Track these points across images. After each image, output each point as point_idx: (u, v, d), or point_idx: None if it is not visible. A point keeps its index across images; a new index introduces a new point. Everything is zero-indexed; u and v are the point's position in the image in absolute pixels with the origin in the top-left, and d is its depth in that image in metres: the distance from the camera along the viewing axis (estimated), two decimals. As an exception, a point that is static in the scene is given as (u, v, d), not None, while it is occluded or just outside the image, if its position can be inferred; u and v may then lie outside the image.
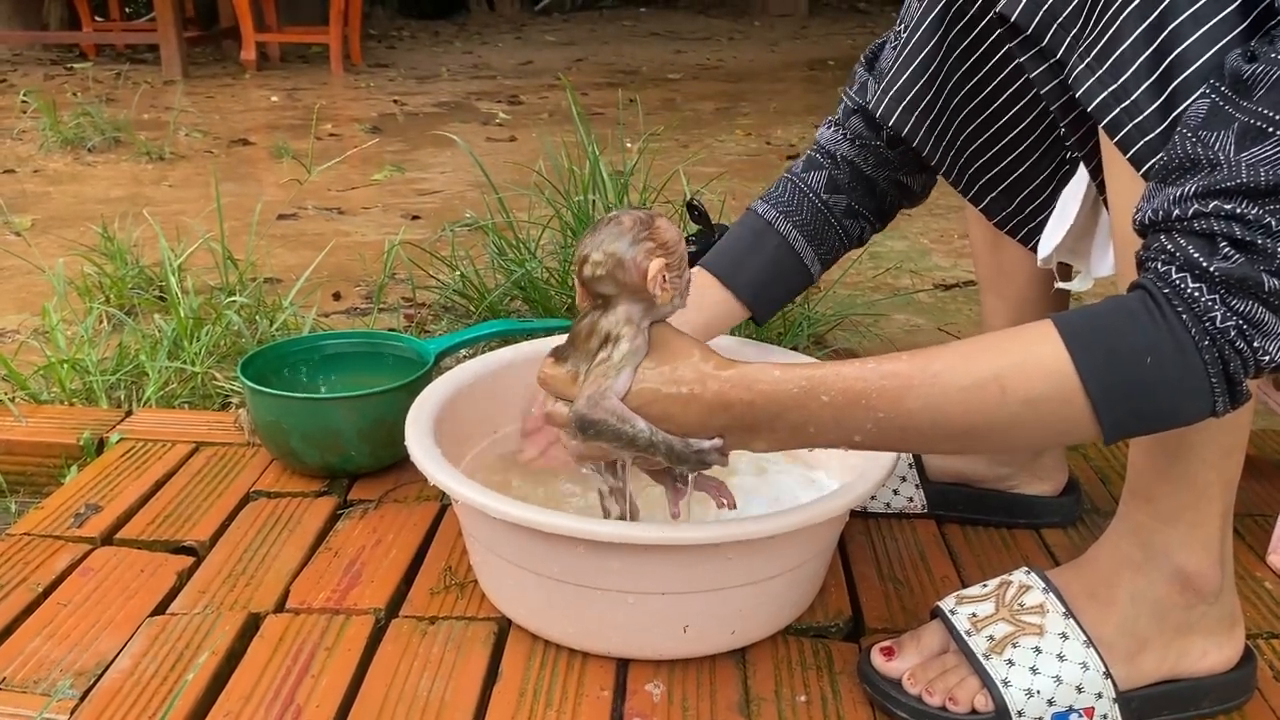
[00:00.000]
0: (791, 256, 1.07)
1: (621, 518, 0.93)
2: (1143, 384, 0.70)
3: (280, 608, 1.02)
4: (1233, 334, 0.68)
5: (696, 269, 1.05)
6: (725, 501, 0.91)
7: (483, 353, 1.23)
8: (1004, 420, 0.73)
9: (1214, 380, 0.69)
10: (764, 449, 0.81)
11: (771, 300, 1.09)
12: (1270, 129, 0.66)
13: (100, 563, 1.08)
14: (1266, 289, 0.67)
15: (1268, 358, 0.68)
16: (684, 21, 7.62)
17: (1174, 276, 0.69)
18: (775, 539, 0.88)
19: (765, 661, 0.95)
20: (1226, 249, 0.67)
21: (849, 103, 1.09)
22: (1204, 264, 0.67)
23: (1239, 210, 0.66)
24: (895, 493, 1.17)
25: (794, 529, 0.88)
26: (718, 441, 0.80)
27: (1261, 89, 0.66)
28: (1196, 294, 0.68)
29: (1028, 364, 0.72)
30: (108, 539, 1.13)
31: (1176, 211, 0.69)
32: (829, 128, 1.10)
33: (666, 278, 0.81)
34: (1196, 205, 0.68)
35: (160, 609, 1.01)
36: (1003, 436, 0.75)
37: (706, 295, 1.04)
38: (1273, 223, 0.66)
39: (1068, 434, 0.75)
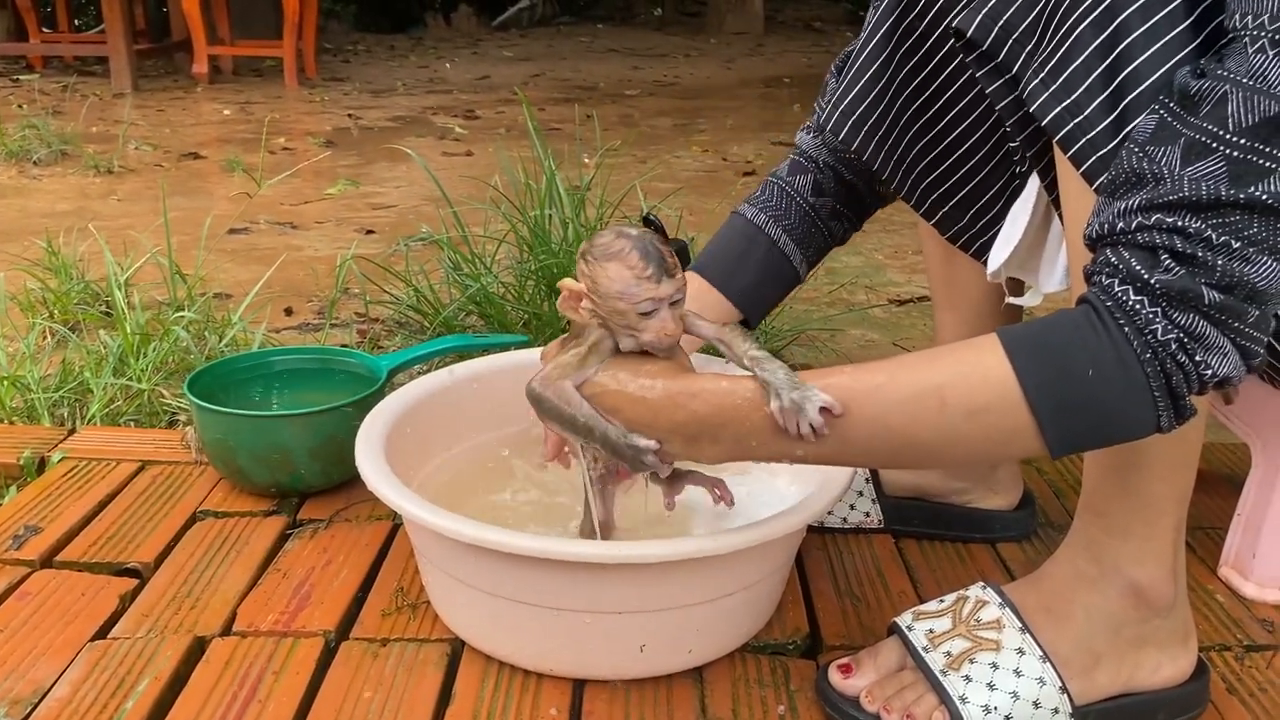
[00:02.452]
0: (781, 259, 1.08)
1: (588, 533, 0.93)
2: (1086, 397, 0.70)
3: (227, 631, 0.99)
4: (1174, 347, 0.68)
5: (690, 273, 1.05)
6: (724, 498, 0.93)
7: (437, 369, 1.21)
8: (946, 432, 0.73)
9: (1157, 394, 0.69)
10: (711, 459, 0.81)
11: (763, 302, 1.09)
12: (1214, 144, 0.66)
13: (39, 586, 1.05)
14: (1207, 301, 0.67)
15: (1209, 371, 0.69)
16: (641, 39, 7.65)
17: (1117, 289, 0.69)
18: (732, 556, 0.87)
19: (723, 680, 0.94)
20: (1168, 261, 0.68)
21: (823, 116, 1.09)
22: (1146, 276, 0.68)
23: (1180, 223, 0.67)
24: (852, 508, 1.17)
25: (751, 545, 0.87)
26: (653, 444, 0.79)
27: (1207, 105, 0.67)
28: (1138, 306, 0.68)
29: (971, 376, 0.72)
30: (47, 561, 1.10)
31: (1120, 225, 0.69)
32: (809, 134, 1.11)
33: (584, 303, 0.81)
34: (1139, 218, 0.68)
35: (102, 633, 0.98)
36: (945, 449, 0.75)
37: (702, 300, 1.04)
38: (1213, 236, 0.66)
39: (1011, 447, 0.75)
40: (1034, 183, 0.98)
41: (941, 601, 0.91)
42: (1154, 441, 0.81)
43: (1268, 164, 0.65)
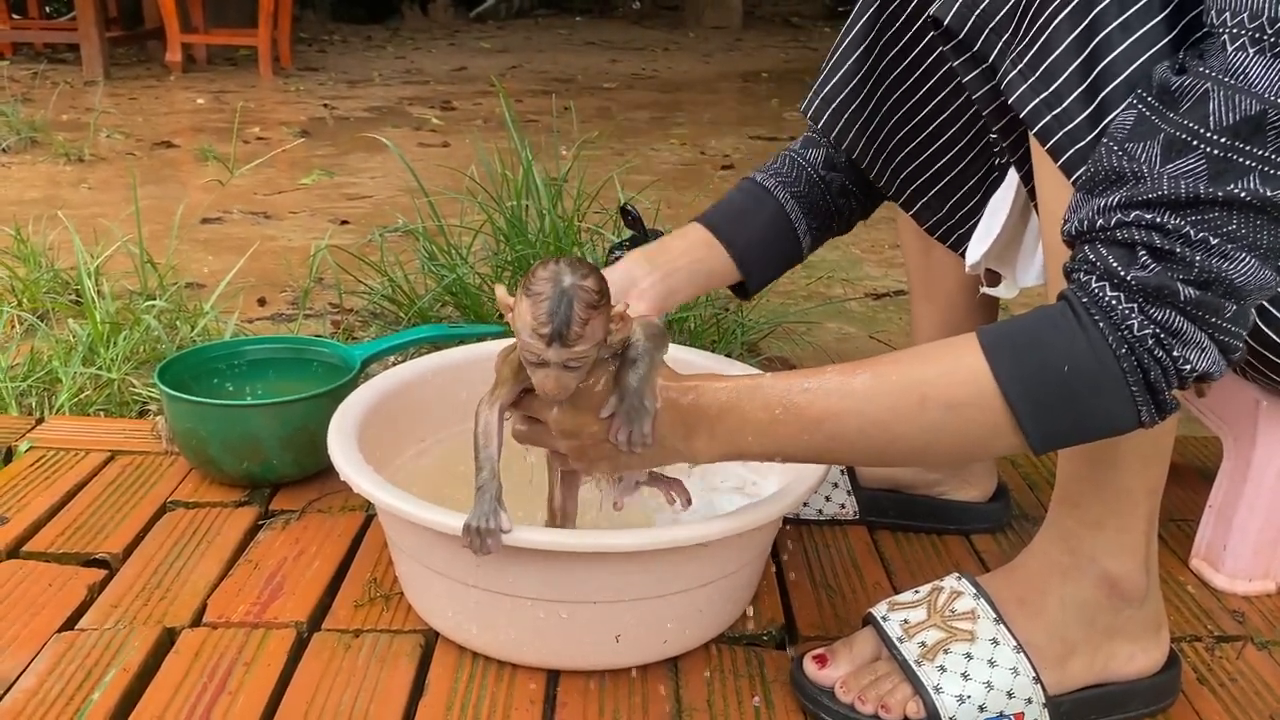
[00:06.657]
0: (787, 225, 1.06)
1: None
2: (1063, 394, 0.70)
3: (197, 622, 0.98)
4: (1150, 342, 0.68)
5: (693, 225, 1.05)
6: (679, 499, 0.92)
7: (411, 359, 1.20)
8: (926, 429, 0.73)
9: (1134, 390, 0.70)
10: (705, 455, 0.81)
11: (764, 265, 1.07)
12: (1194, 142, 0.66)
13: (5, 576, 1.03)
14: (1183, 298, 0.68)
15: (1189, 366, 0.69)
16: (619, 31, 7.62)
17: (1094, 286, 0.70)
18: (708, 546, 0.87)
19: (697, 671, 0.93)
20: (1145, 258, 0.68)
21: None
22: (1122, 273, 0.68)
23: (1159, 220, 0.67)
24: (827, 499, 1.17)
25: (727, 535, 0.87)
26: (505, 525, 0.82)
27: (1188, 102, 0.67)
28: (1114, 302, 0.69)
29: (950, 374, 0.73)
30: (13, 552, 1.08)
31: (1100, 221, 0.69)
32: None
33: (515, 316, 0.78)
34: (1119, 215, 0.68)
35: (69, 624, 0.97)
36: (929, 446, 0.75)
37: (704, 251, 1.03)
38: (1191, 232, 0.66)
39: (992, 444, 0.76)
40: (1013, 174, 0.98)
41: (916, 592, 0.91)
42: (1127, 435, 0.81)
43: (1248, 162, 0.66)
